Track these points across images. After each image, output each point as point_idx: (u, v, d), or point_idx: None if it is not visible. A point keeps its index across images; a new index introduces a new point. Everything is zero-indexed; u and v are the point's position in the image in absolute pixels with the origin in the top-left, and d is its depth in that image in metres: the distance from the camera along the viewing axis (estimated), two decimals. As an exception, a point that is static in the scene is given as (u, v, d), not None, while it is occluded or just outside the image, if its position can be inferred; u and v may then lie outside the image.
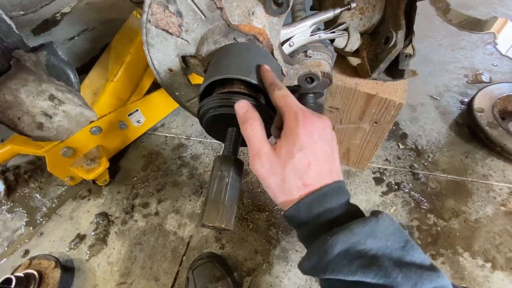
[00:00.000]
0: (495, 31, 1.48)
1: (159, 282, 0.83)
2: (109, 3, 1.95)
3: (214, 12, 0.44)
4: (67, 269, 0.86)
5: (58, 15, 1.94)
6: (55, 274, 0.81)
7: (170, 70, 0.55)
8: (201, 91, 0.44)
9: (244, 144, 0.46)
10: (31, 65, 0.69)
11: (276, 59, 0.49)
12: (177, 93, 0.60)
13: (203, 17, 0.45)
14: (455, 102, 1.18)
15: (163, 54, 0.52)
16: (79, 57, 1.60)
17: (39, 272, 0.80)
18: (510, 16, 1.55)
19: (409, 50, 0.65)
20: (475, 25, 1.53)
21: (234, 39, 0.46)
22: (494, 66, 1.30)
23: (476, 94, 1.10)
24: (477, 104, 1.07)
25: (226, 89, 0.42)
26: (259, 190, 0.97)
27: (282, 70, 0.51)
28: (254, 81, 0.41)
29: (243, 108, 0.37)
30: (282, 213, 0.33)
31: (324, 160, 0.34)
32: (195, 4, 0.43)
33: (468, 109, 1.09)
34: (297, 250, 0.85)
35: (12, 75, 0.65)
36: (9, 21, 0.63)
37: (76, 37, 1.74)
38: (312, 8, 0.82)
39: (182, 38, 0.48)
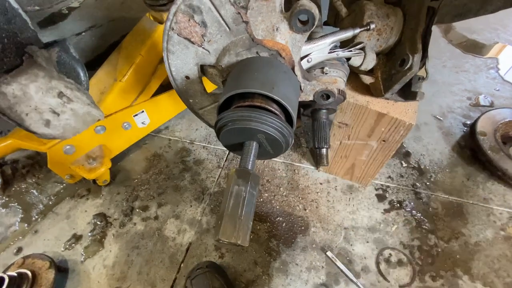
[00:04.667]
0: (497, 56, 1.51)
1: (155, 289, 0.81)
2: (119, 1, 1.95)
3: (239, 26, 0.44)
4: (61, 270, 0.84)
5: (64, 9, 1.93)
6: (49, 275, 0.78)
7: (187, 77, 0.55)
8: (221, 102, 0.43)
9: (260, 157, 0.46)
10: (42, 62, 0.68)
11: (296, 75, 0.49)
12: (191, 100, 0.60)
13: (227, 29, 0.45)
14: (458, 124, 1.20)
15: (182, 62, 0.52)
16: (85, 53, 1.59)
17: (33, 272, 0.78)
18: (513, 43, 1.59)
19: (421, 72, 0.66)
20: (474, 47, 1.56)
21: (257, 53, 0.46)
22: (496, 90, 1.33)
23: (479, 117, 1.12)
24: (479, 127, 1.09)
25: (247, 103, 0.42)
26: (261, 200, 0.96)
27: (300, 86, 0.51)
28: (276, 97, 0.41)
29: None
30: None
31: None
32: (221, 16, 0.44)
33: (471, 131, 1.10)
34: (297, 264, 0.84)
35: (23, 70, 0.64)
36: (25, 16, 0.63)
37: (83, 33, 1.73)
38: (325, 23, 0.84)
39: (203, 48, 0.48)
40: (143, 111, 1.05)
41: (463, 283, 0.81)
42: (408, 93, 0.66)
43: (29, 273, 0.77)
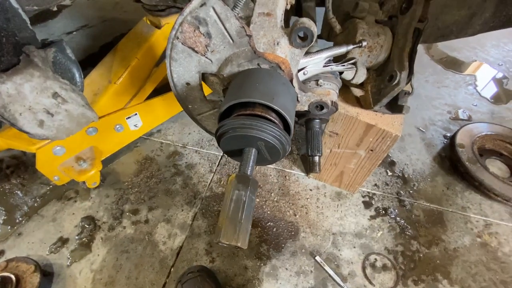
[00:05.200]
0: (475, 73, 1.62)
1: (144, 293, 0.80)
2: (112, 2, 1.94)
3: (242, 38, 0.47)
4: (46, 274, 0.82)
5: (54, 6, 1.89)
6: (34, 279, 0.76)
7: (188, 84, 0.56)
8: (223, 109, 0.45)
9: (258, 163, 0.48)
10: (39, 62, 0.68)
11: (294, 87, 0.52)
12: (190, 106, 0.61)
13: (231, 41, 0.47)
14: (439, 136, 1.27)
15: (184, 69, 0.53)
16: (76, 53, 1.57)
17: (17, 276, 0.75)
18: (489, 61, 1.71)
19: (407, 88, 0.70)
20: (454, 64, 1.67)
21: (258, 64, 0.48)
22: (474, 105, 1.42)
23: (458, 130, 1.19)
24: (458, 140, 1.16)
25: (248, 111, 0.44)
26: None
27: (297, 97, 0.54)
28: (276, 107, 0.43)
29: None
30: None
31: None
32: (225, 29, 0.46)
33: (451, 143, 1.17)
34: (286, 269, 0.86)
35: (19, 70, 0.64)
36: (24, 16, 0.62)
37: (74, 32, 1.71)
38: (319, 37, 0.88)
39: (206, 57, 0.50)
40: (136, 114, 1.05)
41: (442, 287, 0.85)
42: (395, 107, 0.70)
43: (12, 277, 0.75)
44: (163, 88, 1.16)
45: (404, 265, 0.89)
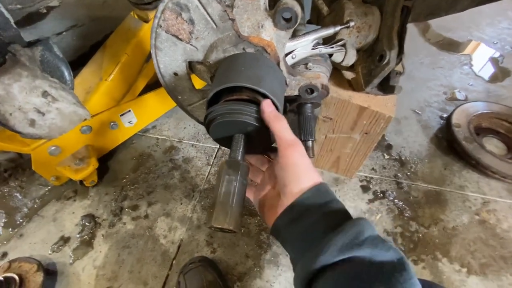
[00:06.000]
0: (470, 53, 1.60)
1: (147, 286, 0.81)
2: (100, 1, 1.91)
3: (226, 23, 0.46)
4: (49, 272, 0.83)
5: (43, 8, 1.87)
6: (37, 278, 0.77)
7: (176, 74, 0.56)
8: (210, 97, 0.45)
9: (251, 151, 0.48)
10: (26, 61, 0.67)
11: (281, 70, 0.52)
12: (179, 97, 0.61)
13: (214, 26, 0.47)
14: (435, 117, 1.27)
15: (170, 59, 0.53)
16: (67, 53, 1.55)
17: (20, 276, 0.76)
18: (484, 40, 1.69)
19: (399, 68, 0.70)
20: (451, 46, 1.65)
21: (243, 49, 0.48)
22: (469, 85, 1.41)
23: (454, 110, 1.19)
24: (454, 120, 1.15)
25: (235, 96, 0.44)
26: (251, 195, 0.98)
27: (286, 80, 0.54)
28: (263, 90, 0.43)
29: (271, 106, 0.41)
30: (304, 190, 0.38)
31: None
32: (208, 14, 0.45)
33: (447, 124, 1.17)
34: (287, 255, 0.87)
35: (6, 70, 0.63)
36: (7, 14, 0.62)
37: (64, 33, 1.69)
38: (309, 22, 0.87)
39: (191, 45, 0.50)
40: (129, 111, 1.05)
41: (442, 265, 0.86)
42: (386, 87, 0.70)
43: (16, 277, 0.75)
44: (155, 83, 1.15)
45: (403, 246, 0.89)
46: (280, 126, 0.40)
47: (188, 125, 1.21)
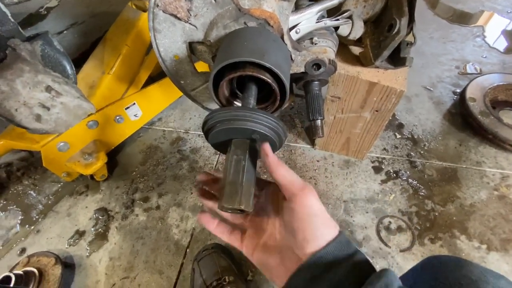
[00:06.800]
0: (483, 24, 1.53)
1: (163, 275, 0.82)
2: (98, -4, 1.90)
3: (225, -4, 0.44)
4: (68, 265, 0.85)
5: (42, 10, 1.87)
6: (56, 271, 0.79)
7: (177, 57, 0.54)
8: (213, 75, 0.43)
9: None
10: (26, 55, 0.66)
11: (286, 44, 0.49)
12: (182, 82, 0.59)
13: (213, 1, 0.45)
14: (448, 93, 1.22)
15: (170, 41, 0.51)
16: (69, 52, 1.55)
17: (39, 270, 0.78)
18: (497, 10, 1.60)
19: (409, 38, 0.66)
20: (462, 18, 1.57)
21: (245, 23, 0.46)
22: (483, 58, 1.35)
23: (467, 84, 1.14)
24: (469, 94, 1.10)
25: (238, 73, 0.42)
26: (260, 181, 0.97)
27: (291, 56, 0.51)
28: (268, 65, 0.41)
29: (271, 151, 0.37)
30: (320, 248, 0.33)
31: None
32: (205, -13, 0.43)
33: (461, 99, 1.12)
34: (300, 239, 0.86)
35: (8, 65, 0.63)
36: (4, 9, 0.61)
37: (65, 31, 1.69)
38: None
39: (190, 23, 0.48)
40: (134, 103, 1.04)
41: (460, 243, 0.83)
42: (397, 60, 0.66)
43: (35, 270, 0.77)
44: (158, 75, 1.14)
45: (419, 225, 0.87)
46: (286, 171, 0.36)
47: (194, 115, 1.20)
